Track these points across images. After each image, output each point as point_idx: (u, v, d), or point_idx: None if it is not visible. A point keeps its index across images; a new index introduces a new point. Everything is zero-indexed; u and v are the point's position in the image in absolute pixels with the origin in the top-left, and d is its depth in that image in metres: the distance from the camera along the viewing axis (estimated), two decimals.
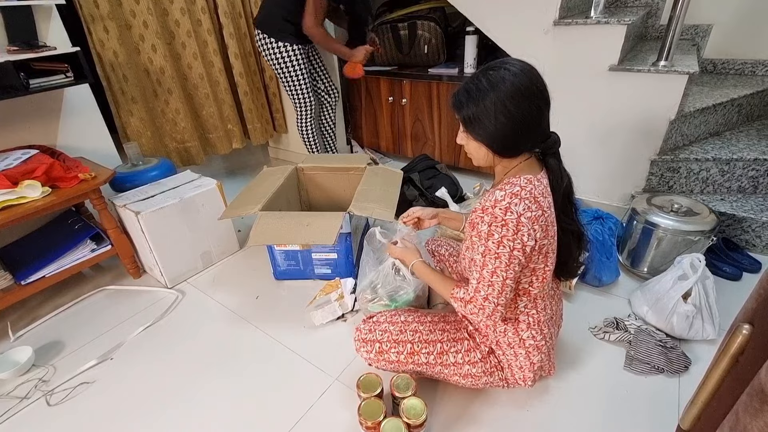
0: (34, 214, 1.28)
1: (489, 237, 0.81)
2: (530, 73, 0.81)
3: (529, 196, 0.81)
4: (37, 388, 1.21)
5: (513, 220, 0.79)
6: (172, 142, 2.14)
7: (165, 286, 1.60)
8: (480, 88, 0.80)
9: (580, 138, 1.76)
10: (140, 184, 1.65)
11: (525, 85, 0.79)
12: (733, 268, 1.45)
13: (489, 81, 0.80)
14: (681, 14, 1.45)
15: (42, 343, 1.37)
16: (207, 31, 2.05)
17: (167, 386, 1.20)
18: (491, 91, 0.79)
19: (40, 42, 1.49)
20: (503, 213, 0.79)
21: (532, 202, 0.81)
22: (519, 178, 0.83)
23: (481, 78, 0.81)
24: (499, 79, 0.79)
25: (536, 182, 0.84)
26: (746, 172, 1.61)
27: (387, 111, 2.50)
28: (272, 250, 1.54)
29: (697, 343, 1.22)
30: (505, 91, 0.78)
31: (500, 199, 0.80)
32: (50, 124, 1.65)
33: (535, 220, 0.81)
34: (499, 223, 0.80)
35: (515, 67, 0.80)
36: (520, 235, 0.80)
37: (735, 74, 2.07)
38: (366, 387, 1.02)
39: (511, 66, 0.80)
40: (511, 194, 0.80)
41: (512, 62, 0.81)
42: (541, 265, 0.89)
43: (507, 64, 0.81)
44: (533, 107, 0.80)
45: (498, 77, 0.79)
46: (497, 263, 0.82)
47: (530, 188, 0.81)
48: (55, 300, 1.56)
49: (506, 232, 0.80)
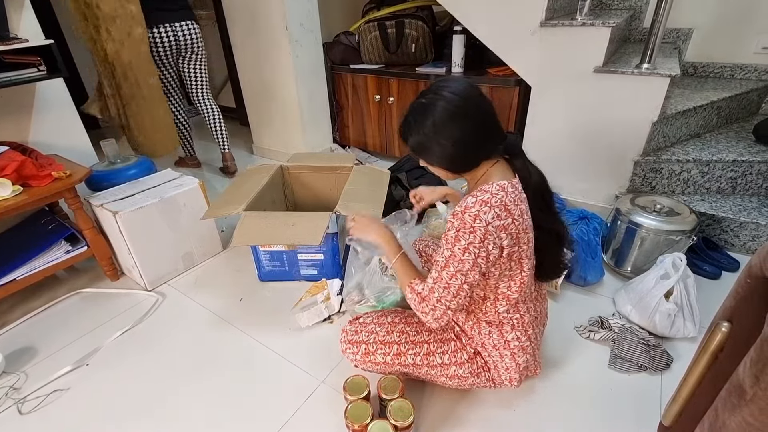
0: (4, 213, 1.23)
1: (456, 242, 0.81)
2: (462, 91, 0.82)
3: (499, 203, 0.80)
4: (7, 395, 1.16)
5: (481, 228, 0.79)
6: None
7: (144, 288, 1.55)
8: (417, 118, 0.84)
9: (566, 138, 1.78)
10: (118, 182, 1.59)
11: (457, 105, 0.81)
12: (713, 267, 1.49)
13: (424, 108, 0.83)
14: (663, 18, 1.48)
15: (13, 348, 1.31)
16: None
17: (146, 392, 1.16)
18: (427, 118, 0.82)
19: (11, 34, 1.43)
20: (472, 220, 0.80)
21: (502, 210, 0.81)
22: (491, 185, 0.83)
23: (417, 107, 0.84)
24: (431, 105, 0.82)
25: (509, 188, 0.83)
26: (725, 174, 1.65)
27: (374, 110, 2.48)
28: (257, 251, 1.51)
29: (678, 340, 1.24)
30: (439, 116, 0.81)
31: (470, 206, 0.81)
32: (22, 119, 1.58)
33: (503, 228, 0.81)
34: (467, 230, 0.80)
35: (446, 90, 0.81)
36: (485, 244, 0.80)
37: (714, 77, 2.13)
38: (353, 389, 1.00)
39: (441, 89, 0.82)
40: (482, 201, 0.80)
41: (443, 84, 0.83)
42: (517, 271, 0.89)
43: (438, 88, 0.83)
44: (471, 123, 0.82)
45: (430, 103, 0.82)
46: (459, 267, 0.82)
47: (501, 195, 0.81)
48: (27, 304, 1.49)
49: (473, 239, 0.80)
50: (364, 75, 2.41)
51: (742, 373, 0.44)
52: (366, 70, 2.40)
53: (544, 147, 1.84)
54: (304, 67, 2.33)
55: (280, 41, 2.21)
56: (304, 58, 2.31)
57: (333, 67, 2.53)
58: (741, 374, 0.44)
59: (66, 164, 1.45)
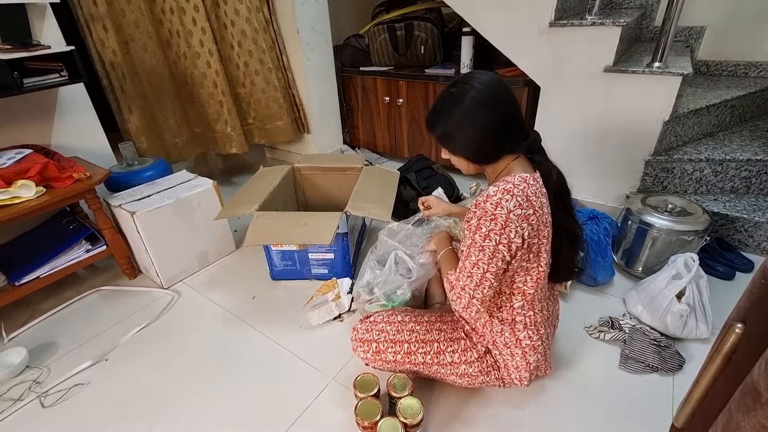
0: (28, 214, 1.27)
1: (477, 230, 0.83)
2: (491, 82, 0.85)
3: (521, 193, 0.82)
4: (31, 389, 1.20)
5: (502, 215, 0.80)
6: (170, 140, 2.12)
7: (161, 286, 1.59)
8: (446, 106, 0.86)
9: (576, 138, 1.78)
10: (136, 184, 1.64)
11: (486, 95, 0.83)
12: (726, 268, 1.47)
13: (452, 98, 0.85)
14: (675, 16, 1.46)
15: (36, 344, 1.36)
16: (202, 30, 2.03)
17: (163, 387, 1.19)
18: (455, 107, 0.84)
19: (34, 41, 1.48)
20: (493, 208, 0.81)
21: (524, 200, 0.82)
22: (513, 176, 0.85)
23: (446, 96, 0.87)
24: (461, 95, 0.84)
25: (531, 181, 0.85)
26: (739, 173, 1.62)
27: (383, 111, 2.50)
28: (269, 250, 1.54)
29: (690, 342, 1.23)
30: (467, 105, 0.83)
31: (492, 195, 0.82)
32: (44, 123, 1.63)
33: (525, 218, 0.82)
34: (488, 217, 0.82)
35: (476, 81, 0.84)
36: (507, 231, 0.81)
37: (728, 76, 2.10)
38: (363, 387, 1.02)
39: (471, 80, 0.85)
40: (504, 190, 0.82)
41: (473, 76, 0.86)
42: (534, 265, 0.90)
43: (468, 79, 0.86)
44: (499, 114, 0.84)
45: (459, 93, 0.84)
46: (480, 255, 0.84)
47: (523, 186, 0.83)
48: (49, 301, 1.55)
49: (494, 227, 0.81)
50: (374, 77, 2.43)
51: (757, 376, 0.43)
52: (375, 72, 2.42)
53: (554, 147, 1.80)
54: (315, 69, 2.36)
55: (291, 45, 2.25)
56: (315, 61, 2.34)
57: (343, 70, 2.55)
58: (755, 377, 0.43)
59: (86, 166, 1.49)
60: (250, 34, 2.09)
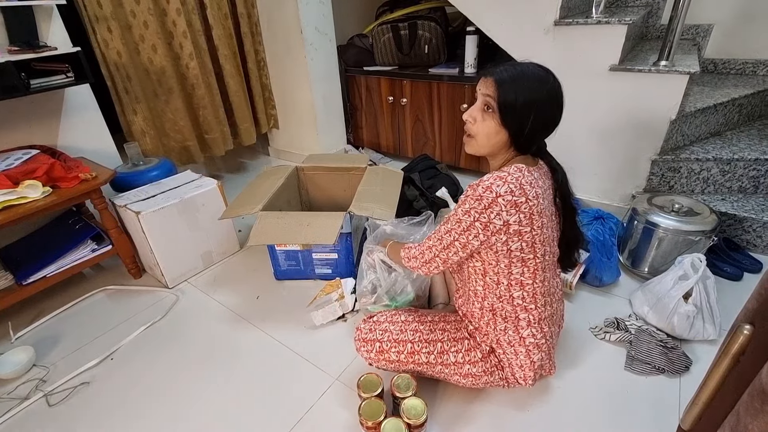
0: (35, 214, 1.28)
1: (461, 205, 0.86)
2: (558, 83, 0.87)
3: (514, 181, 0.82)
4: (37, 388, 1.21)
5: (489, 197, 0.82)
6: (172, 142, 2.14)
7: (165, 286, 1.60)
8: (530, 83, 0.83)
9: (581, 138, 1.76)
10: (141, 184, 1.65)
11: (559, 93, 0.86)
12: (734, 268, 1.45)
13: (538, 79, 0.84)
14: (682, 14, 1.45)
15: (43, 343, 1.37)
16: (198, 33, 2.04)
17: (167, 386, 1.20)
18: (538, 89, 0.83)
19: (41, 42, 1.49)
20: (483, 190, 0.83)
21: (517, 188, 0.82)
22: (510, 166, 0.86)
23: (530, 73, 0.84)
24: (546, 81, 0.84)
25: (526, 172, 0.85)
26: (747, 172, 1.60)
27: (387, 111, 2.50)
28: (273, 250, 1.54)
29: (698, 343, 1.21)
30: (548, 93, 0.84)
31: (485, 180, 0.84)
32: (51, 124, 1.65)
33: (514, 204, 0.82)
34: (475, 197, 0.83)
35: (553, 75, 0.86)
36: (488, 212, 0.82)
37: (736, 74, 2.07)
38: (366, 387, 1.02)
39: (552, 73, 0.86)
40: (497, 176, 0.83)
41: (549, 69, 0.87)
42: (530, 256, 0.89)
43: (550, 71, 0.86)
44: (557, 115, 0.87)
45: (544, 78, 0.84)
46: (455, 225, 0.87)
47: (518, 175, 0.83)
48: (55, 300, 1.56)
49: (476, 205, 0.83)
50: (378, 77, 2.43)
51: (766, 377, 0.42)
52: (379, 71, 2.42)
53: (559, 146, 1.81)
54: (319, 69, 2.36)
55: (295, 45, 2.25)
56: (319, 61, 2.34)
57: (347, 69, 2.56)
58: (764, 378, 0.43)
59: (92, 166, 1.50)
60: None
